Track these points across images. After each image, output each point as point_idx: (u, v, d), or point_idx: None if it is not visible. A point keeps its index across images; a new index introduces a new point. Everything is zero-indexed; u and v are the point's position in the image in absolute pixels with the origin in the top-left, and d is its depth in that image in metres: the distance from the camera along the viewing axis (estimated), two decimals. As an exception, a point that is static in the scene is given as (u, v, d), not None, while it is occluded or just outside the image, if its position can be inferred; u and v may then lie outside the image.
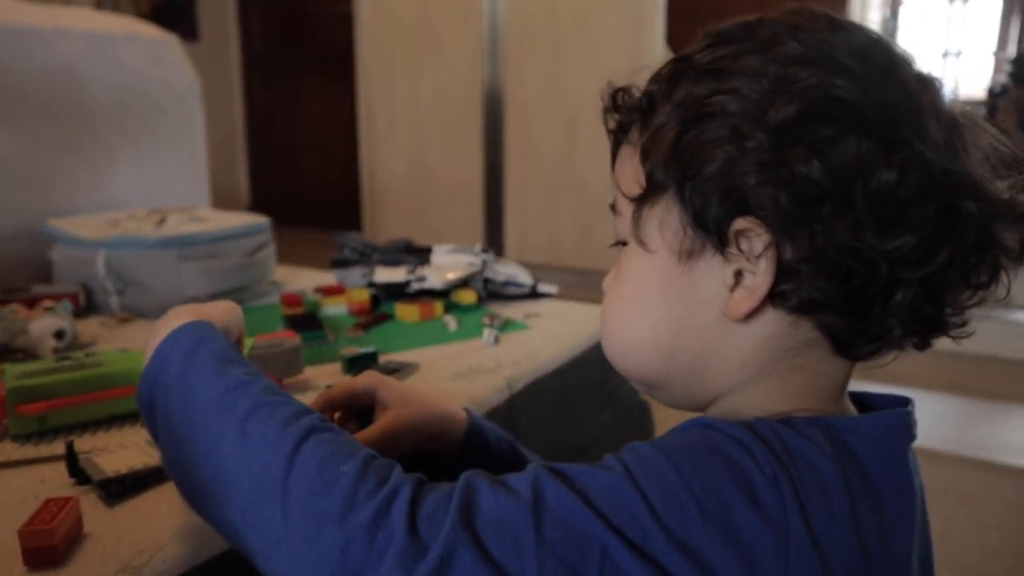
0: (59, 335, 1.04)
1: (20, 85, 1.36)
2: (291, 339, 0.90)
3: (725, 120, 0.46)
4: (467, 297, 1.25)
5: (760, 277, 0.45)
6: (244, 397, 0.50)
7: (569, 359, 1.10)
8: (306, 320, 1.12)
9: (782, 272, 0.45)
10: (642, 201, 0.50)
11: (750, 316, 0.47)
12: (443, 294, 1.26)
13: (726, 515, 0.41)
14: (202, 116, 1.70)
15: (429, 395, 0.72)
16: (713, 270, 0.48)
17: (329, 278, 1.44)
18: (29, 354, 1.01)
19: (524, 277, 1.32)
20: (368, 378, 0.71)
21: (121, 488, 0.66)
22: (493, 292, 1.30)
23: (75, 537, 0.59)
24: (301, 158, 4.93)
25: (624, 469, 0.43)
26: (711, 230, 0.46)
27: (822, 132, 0.44)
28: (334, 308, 1.24)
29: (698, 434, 0.45)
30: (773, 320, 0.47)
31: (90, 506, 0.64)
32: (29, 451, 0.74)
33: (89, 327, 1.16)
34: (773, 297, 0.46)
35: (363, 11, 3.66)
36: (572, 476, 0.43)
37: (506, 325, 1.16)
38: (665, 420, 1.09)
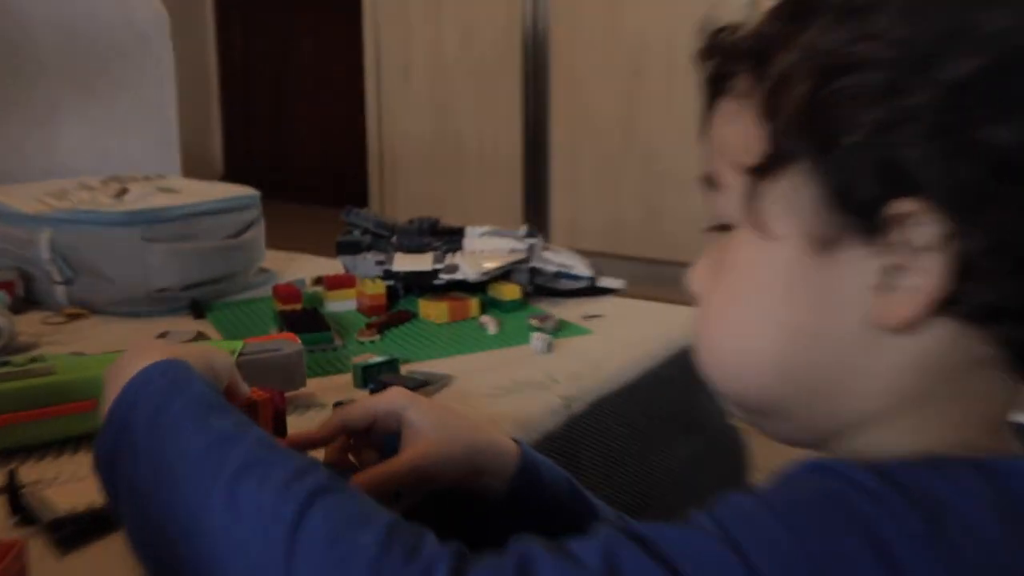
0: (-5, 334, 1.05)
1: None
2: (291, 342, 0.91)
3: (878, 72, 0.44)
4: (509, 292, 1.25)
5: (929, 276, 0.44)
6: (233, 454, 0.50)
7: (641, 373, 1.09)
8: (307, 319, 1.12)
9: (957, 272, 0.43)
10: (763, 173, 0.48)
11: (908, 326, 0.45)
12: (479, 288, 1.26)
13: None
14: (172, 60, 1.72)
15: (470, 420, 0.72)
16: (856, 264, 0.46)
17: (333, 266, 1.44)
18: (-43, 358, 1.02)
19: (581, 268, 1.32)
20: (394, 396, 0.71)
21: (76, 530, 0.66)
22: (541, 286, 1.30)
23: (19, 595, 0.59)
24: (291, 116, 4.98)
25: (720, 530, 0.42)
26: (859, 213, 0.45)
27: (1014, 91, 0.42)
28: (341, 304, 1.25)
29: (815, 482, 0.44)
30: (935, 331, 0.45)
31: (37, 552, 0.64)
32: (-38, 480, 0.75)
33: (29, 324, 1.18)
34: (940, 303, 0.44)
35: (371, -68, 3.69)
36: (654, 541, 0.42)
37: (560, 328, 1.16)
38: (764, 453, 1.08)
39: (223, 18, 5.09)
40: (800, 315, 0.48)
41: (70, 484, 0.72)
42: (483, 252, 1.29)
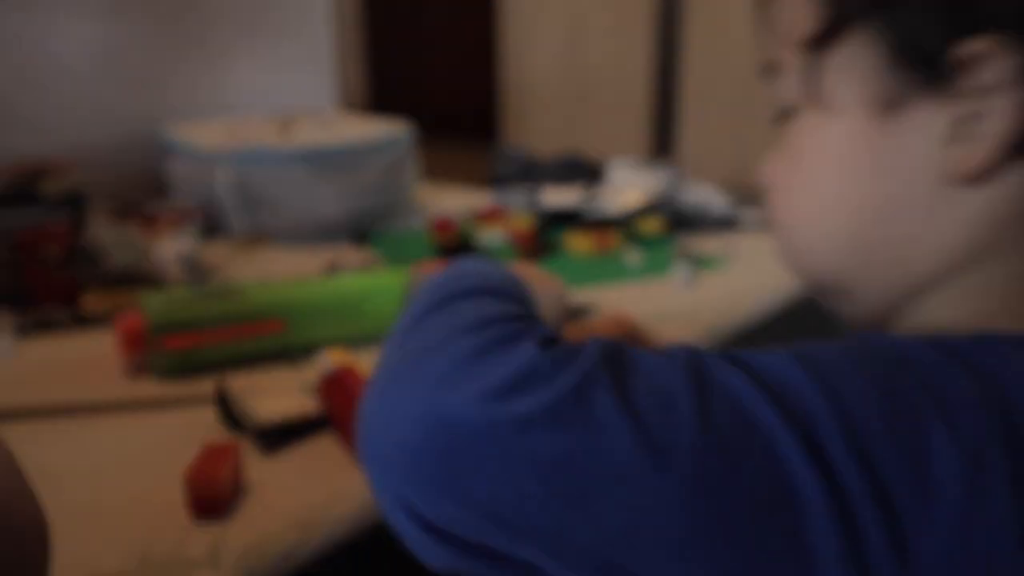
0: (186, 260, 1.11)
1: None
2: (453, 271, 0.94)
3: None
4: (652, 226, 1.25)
5: (1003, 117, 0.41)
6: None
7: (781, 308, 1.09)
8: (462, 248, 1.16)
9: None
10: (820, 43, 0.46)
11: (982, 175, 0.43)
12: (622, 222, 1.27)
13: (916, 437, 0.38)
14: (327, 4, 1.75)
15: None
16: (925, 120, 0.43)
17: (479, 198, 1.47)
18: (154, 280, 1.09)
19: (720, 202, 1.31)
20: (624, 322, 0.71)
21: (277, 436, 0.71)
22: (682, 220, 1.30)
23: (237, 488, 0.65)
24: (428, 51, 4.99)
25: (799, 359, 0.40)
26: (926, 63, 0.42)
27: None
28: (491, 236, 1.26)
29: (883, 349, 0.42)
30: (1007, 178, 0.43)
31: (247, 455, 0.69)
32: (174, 390, 0.81)
33: (214, 250, 1.24)
34: (1015, 145, 0.42)
35: None
36: (735, 355, 0.40)
37: (701, 261, 1.17)
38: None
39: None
40: (871, 186, 0.46)
41: (267, 395, 0.76)
42: (627, 186, 1.30)
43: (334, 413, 0.72)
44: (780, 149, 0.51)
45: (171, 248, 1.11)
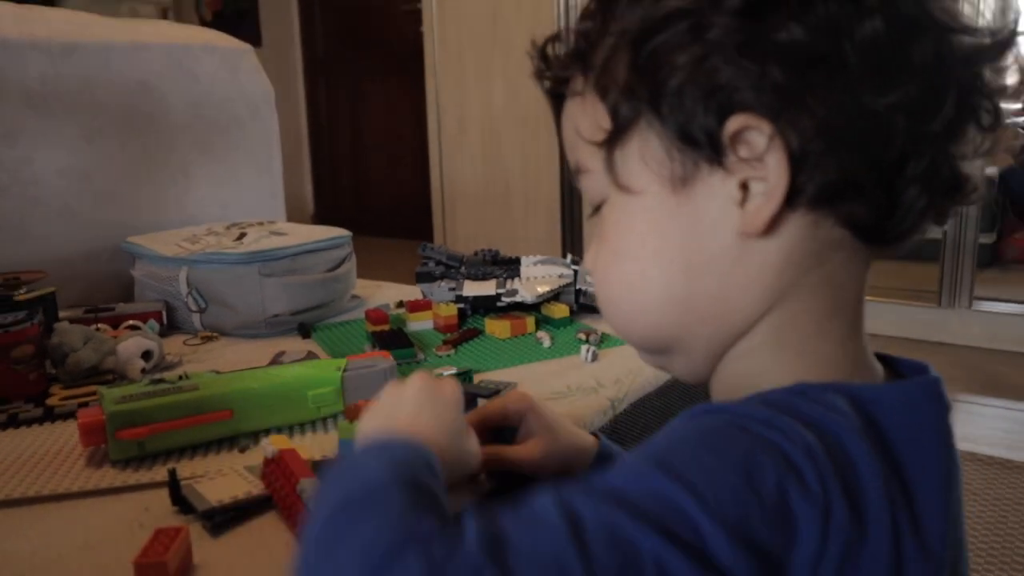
0: (147, 356, 1.08)
1: (100, 100, 1.42)
2: (385, 359, 0.92)
3: (678, 24, 0.43)
4: (559, 311, 1.25)
5: (774, 176, 0.43)
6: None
7: (672, 376, 1.08)
8: (394, 337, 1.14)
9: (794, 162, 0.42)
10: (613, 142, 0.47)
11: (770, 226, 0.44)
12: (534, 308, 1.26)
13: (780, 498, 0.37)
14: (276, 125, 1.75)
15: (569, 425, 0.71)
16: (714, 189, 0.45)
17: (409, 291, 1.45)
18: (118, 375, 1.05)
19: (618, 288, 1.32)
20: (521, 400, 0.69)
21: (226, 518, 0.68)
22: (585, 305, 1.30)
23: (186, 568, 0.61)
24: (368, 164, 5.01)
25: (653, 462, 0.38)
26: (703, 143, 0.43)
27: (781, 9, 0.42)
28: (420, 324, 1.25)
29: (710, 419, 0.42)
30: (793, 224, 0.44)
31: (196, 536, 0.65)
32: (130, 476, 0.77)
33: (173, 345, 1.20)
34: (790, 196, 0.43)
35: (430, 7, 3.71)
36: (596, 481, 0.38)
37: (603, 340, 1.16)
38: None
39: (311, 86, 5.15)
40: (680, 249, 0.46)
41: (216, 479, 0.73)
42: (536, 278, 1.29)
43: (277, 494, 0.69)
44: (596, 237, 0.51)
45: (133, 345, 1.07)
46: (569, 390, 0.98)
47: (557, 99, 0.52)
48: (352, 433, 0.73)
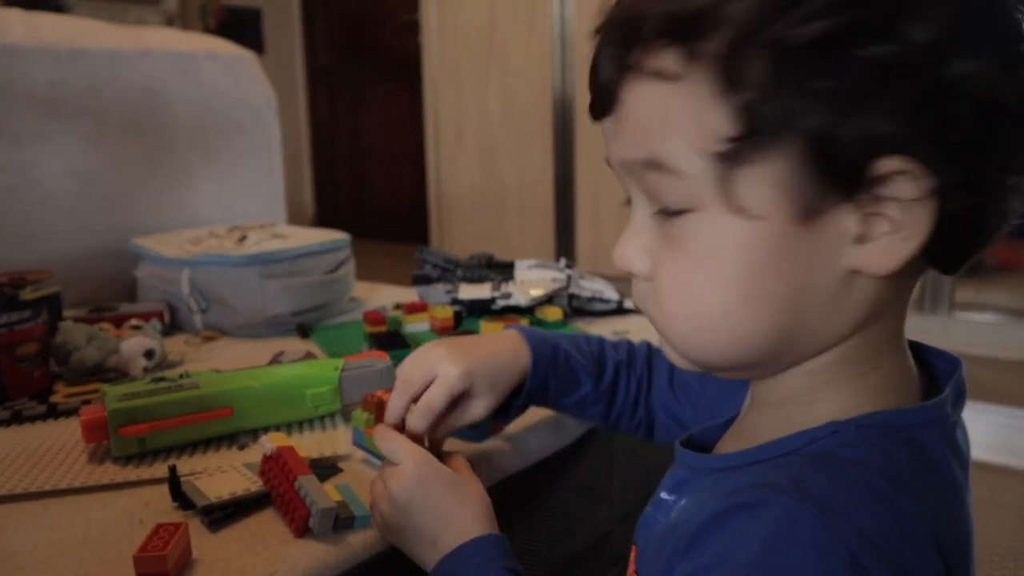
0: (149, 354, 1.07)
1: (106, 106, 1.41)
2: (381, 359, 0.91)
3: (843, 38, 0.36)
4: (552, 314, 1.24)
5: (916, 224, 0.38)
6: None
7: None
8: (391, 338, 1.13)
9: (941, 221, 0.39)
10: (738, 156, 0.39)
11: (893, 273, 0.40)
12: (528, 311, 1.26)
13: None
14: (278, 131, 1.74)
15: (504, 367, 0.70)
16: (839, 222, 0.40)
17: (407, 294, 1.45)
18: (121, 373, 1.04)
19: (610, 292, 1.31)
20: (462, 378, 0.69)
21: (224, 514, 0.67)
22: (578, 308, 1.30)
23: (185, 563, 0.60)
24: (367, 170, 5.01)
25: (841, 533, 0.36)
26: (845, 177, 0.38)
27: (973, 25, 0.37)
28: (417, 325, 1.24)
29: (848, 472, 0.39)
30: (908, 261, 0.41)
31: (195, 531, 0.65)
32: (131, 472, 0.76)
33: (175, 345, 1.19)
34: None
35: (429, 19, 3.70)
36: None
37: (595, 343, 1.15)
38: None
39: (312, 94, 5.14)
40: (786, 284, 0.41)
41: (215, 476, 0.72)
42: (530, 281, 1.29)
43: (275, 490, 0.68)
44: (651, 238, 0.46)
45: (135, 344, 1.06)
46: (561, 391, 0.97)
47: (619, 68, 0.43)
48: (364, 423, 0.75)
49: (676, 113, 0.41)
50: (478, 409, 0.70)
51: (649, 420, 0.77)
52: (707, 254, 0.42)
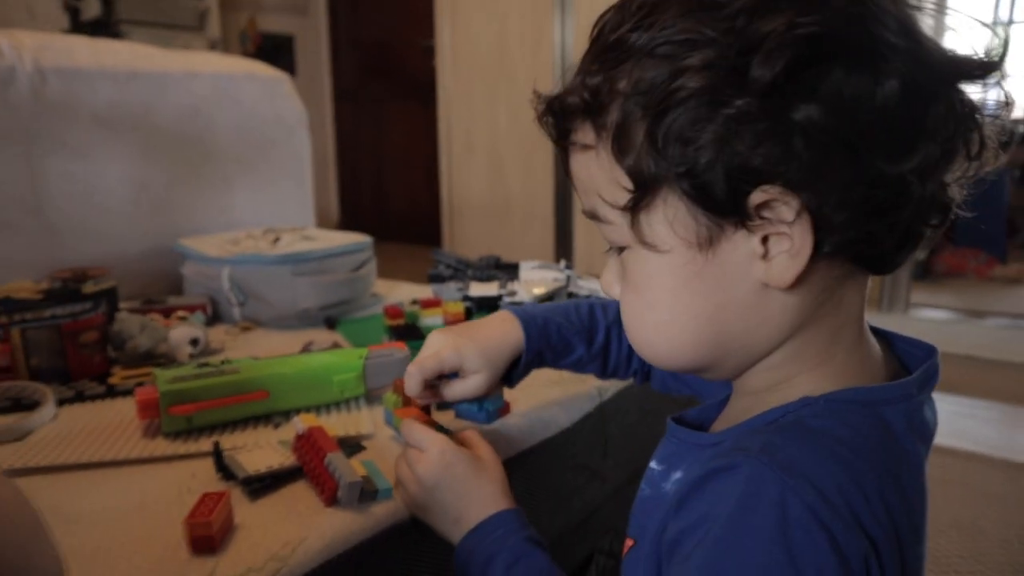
0: (194, 342, 1.08)
1: (157, 122, 1.42)
2: (400, 349, 0.92)
3: (698, 97, 0.39)
4: (552, 310, 1.25)
5: (798, 242, 0.40)
6: None
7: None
8: (408, 330, 1.14)
9: (817, 228, 0.40)
10: (637, 206, 0.43)
11: (796, 283, 0.42)
12: (530, 307, 1.26)
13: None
14: (309, 145, 1.74)
15: (497, 344, 0.72)
16: (738, 245, 0.42)
17: (423, 290, 1.46)
18: (169, 359, 1.05)
19: (603, 292, 1.32)
20: (454, 350, 0.72)
21: (262, 485, 0.68)
22: (575, 305, 1.30)
23: (228, 528, 0.61)
24: (386, 180, 5.01)
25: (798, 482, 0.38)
26: (728, 211, 0.41)
27: (809, 74, 0.38)
28: (431, 319, 1.24)
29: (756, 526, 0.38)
30: (812, 271, 0.42)
31: (236, 500, 0.66)
32: (179, 447, 0.77)
33: (216, 334, 1.20)
34: (811, 252, 0.41)
35: (444, 44, 3.71)
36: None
37: (589, 336, 1.15)
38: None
39: (338, 110, 5.14)
40: (708, 300, 0.44)
41: (253, 451, 0.73)
42: (533, 281, 1.30)
43: (307, 465, 0.69)
44: (618, 268, 0.49)
45: (182, 333, 1.07)
46: (561, 379, 0.97)
47: (564, 146, 0.48)
48: (392, 404, 0.77)
49: (598, 175, 0.45)
50: (476, 382, 0.72)
51: (644, 370, 0.78)
52: (641, 282, 0.46)
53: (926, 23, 0.41)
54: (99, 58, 1.35)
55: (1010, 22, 3.30)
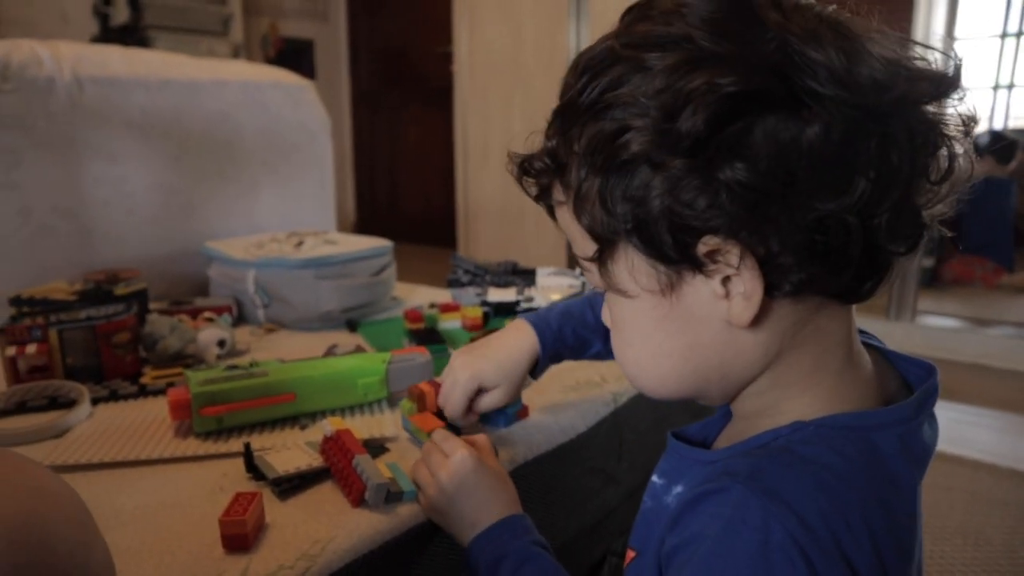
0: (221, 344, 1.09)
1: (187, 128, 1.44)
2: (422, 354, 0.93)
3: (638, 159, 0.41)
4: (567, 316, 1.26)
5: (749, 284, 0.41)
6: None
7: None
8: (429, 334, 1.15)
9: (766, 270, 0.41)
10: (601, 258, 0.46)
11: (755, 321, 0.43)
12: (546, 313, 1.27)
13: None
14: (330, 150, 1.76)
15: (514, 361, 0.77)
16: (699, 288, 0.44)
17: (441, 294, 1.47)
18: (197, 359, 1.06)
19: (617, 298, 1.33)
20: (461, 375, 0.77)
21: (291, 486, 0.69)
22: (589, 311, 1.31)
23: (260, 525, 0.63)
24: (402, 183, 5.03)
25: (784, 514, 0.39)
26: (680, 261, 0.42)
27: (732, 130, 0.39)
28: (450, 323, 1.26)
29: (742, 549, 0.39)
30: (776, 308, 0.43)
31: (266, 500, 0.67)
32: (211, 447, 0.79)
33: (241, 335, 1.21)
34: (767, 291, 0.42)
35: (461, 51, 3.72)
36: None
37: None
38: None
39: (356, 115, 5.16)
40: (680, 339, 0.46)
41: (282, 452, 0.74)
42: (549, 287, 1.31)
43: (335, 466, 0.70)
44: (607, 307, 0.51)
45: (210, 335, 1.09)
46: (578, 384, 0.99)
47: (546, 202, 0.50)
48: (408, 410, 0.80)
49: (571, 228, 0.47)
50: (497, 396, 0.77)
51: None
52: (619, 322, 0.49)
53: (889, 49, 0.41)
54: (133, 67, 1.37)
55: (1020, 33, 3.29)
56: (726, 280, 0.42)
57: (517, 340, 0.78)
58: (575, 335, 0.79)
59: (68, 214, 1.28)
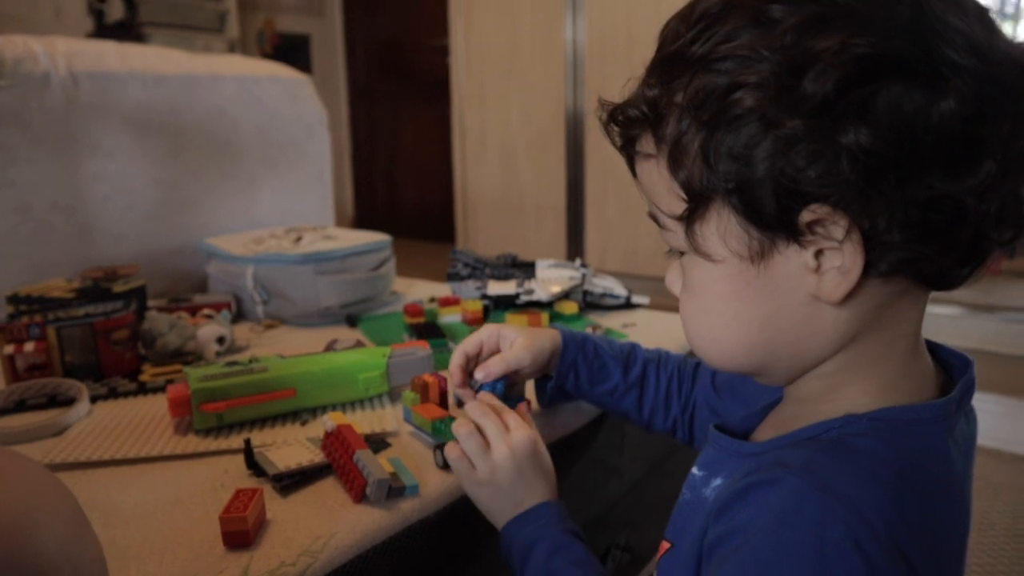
0: (220, 340, 1.09)
1: (184, 124, 1.43)
2: (423, 348, 0.93)
3: (750, 116, 0.38)
4: (569, 308, 1.25)
5: (849, 259, 0.39)
6: None
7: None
8: (429, 329, 1.14)
9: (868, 247, 0.39)
10: (691, 218, 0.43)
11: (845, 299, 0.41)
12: (547, 305, 1.27)
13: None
14: (328, 144, 1.75)
15: (535, 332, 0.79)
16: (790, 258, 0.41)
17: (440, 288, 1.46)
18: (197, 356, 1.06)
19: (619, 289, 1.32)
20: (489, 326, 0.80)
21: (292, 482, 0.69)
22: (591, 303, 1.31)
23: (261, 522, 0.62)
24: (400, 177, 5.02)
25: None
26: (778, 228, 0.40)
27: (860, 94, 0.37)
28: (450, 317, 1.26)
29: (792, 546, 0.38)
30: (866, 287, 0.41)
31: (267, 496, 0.67)
32: (211, 443, 0.78)
33: (240, 332, 1.21)
34: (864, 269, 0.40)
35: (457, 43, 3.70)
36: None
37: (607, 333, 1.16)
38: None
39: (353, 109, 5.15)
40: (760, 309, 0.44)
41: (282, 448, 0.74)
42: (550, 279, 1.30)
43: (336, 462, 0.70)
44: (678, 270, 0.49)
45: (210, 331, 1.08)
46: (577, 377, 0.98)
47: (629, 153, 0.48)
48: (411, 401, 0.80)
49: (657, 183, 0.45)
50: (513, 352, 0.77)
51: (685, 418, 0.77)
52: (696, 288, 0.47)
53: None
54: (128, 62, 1.36)
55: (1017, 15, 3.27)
56: (819, 253, 0.40)
57: (550, 338, 0.79)
58: (596, 352, 0.79)
59: (66, 211, 1.28)
